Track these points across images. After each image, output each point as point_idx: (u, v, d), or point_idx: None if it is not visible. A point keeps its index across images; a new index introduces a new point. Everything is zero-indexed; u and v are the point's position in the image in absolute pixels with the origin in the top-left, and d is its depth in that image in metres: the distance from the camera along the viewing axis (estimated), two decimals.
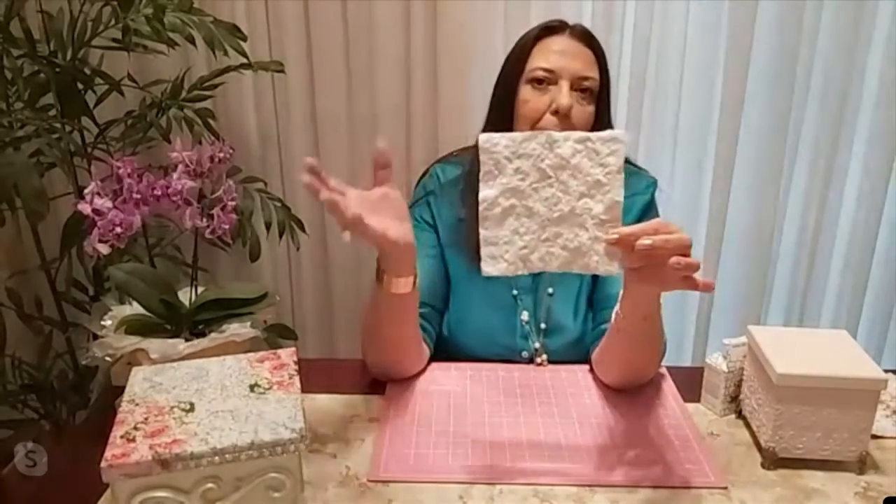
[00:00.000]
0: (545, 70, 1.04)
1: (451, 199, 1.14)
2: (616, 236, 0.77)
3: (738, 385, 0.95)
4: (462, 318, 1.13)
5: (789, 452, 0.84)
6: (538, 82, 1.05)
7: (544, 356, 1.09)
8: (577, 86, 1.04)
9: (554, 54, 1.05)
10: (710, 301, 1.81)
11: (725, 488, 0.81)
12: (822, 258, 1.80)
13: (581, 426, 0.92)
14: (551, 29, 1.09)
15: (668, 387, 1.02)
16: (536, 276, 1.12)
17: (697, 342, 1.85)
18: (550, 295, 1.12)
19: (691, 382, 1.01)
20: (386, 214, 0.83)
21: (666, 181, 1.72)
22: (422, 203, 1.16)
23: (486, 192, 0.78)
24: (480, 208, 0.79)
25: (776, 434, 0.84)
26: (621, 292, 0.89)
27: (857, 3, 1.59)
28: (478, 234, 0.79)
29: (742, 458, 0.87)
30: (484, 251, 0.79)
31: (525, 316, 1.11)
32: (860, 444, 0.83)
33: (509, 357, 1.10)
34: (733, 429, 0.93)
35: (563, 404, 0.97)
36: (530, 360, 1.10)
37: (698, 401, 0.99)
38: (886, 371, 0.84)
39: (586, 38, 1.08)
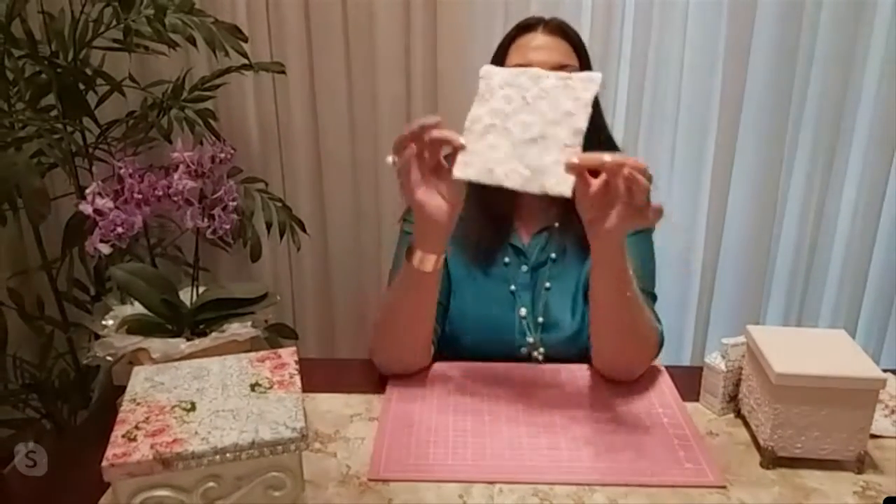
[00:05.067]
0: (522, 66, 1.05)
1: None
2: (576, 160, 0.83)
3: (737, 384, 0.95)
4: (461, 314, 1.13)
5: (788, 452, 0.84)
6: None
7: (541, 350, 1.11)
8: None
9: (530, 50, 1.08)
10: (708, 300, 1.81)
11: (724, 487, 0.81)
12: (821, 257, 1.80)
13: (580, 425, 0.93)
14: (526, 27, 1.12)
15: (667, 386, 1.03)
16: (534, 273, 1.14)
17: (696, 341, 1.85)
18: (548, 289, 1.13)
19: (690, 382, 1.01)
20: (439, 190, 0.90)
21: (665, 180, 1.72)
22: None
23: (475, 111, 0.88)
24: (467, 123, 0.87)
25: (775, 433, 0.84)
26: (590, 263, 0.94)
27: (856, 3, 1.59)
28: (478, 231, 0.80)
29: (741, 458, 0.87)
30: (459, 157, 0.86)
31: (523, 312, 1.12)
32: (859, 444, 0.83)
33: (508, 352, 1.11)
34: (732, 428, 0.93)
35: (562, 404, 0.98)
36: (528, 355, 1.11)
37: (697, 400, 0.99)
38: (885, 370, 0.84)
39: (561, 30, 1.11)
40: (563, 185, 0.83)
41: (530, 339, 1.11)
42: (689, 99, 1.69)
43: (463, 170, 0.86)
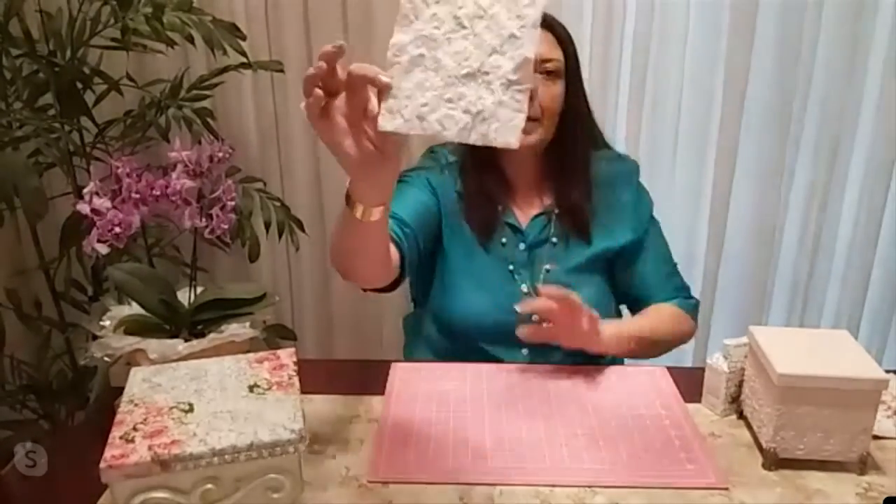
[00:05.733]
0: None
1: (451, 177, 1.20)
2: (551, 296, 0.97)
3: (739, 385, 0.95)
4: (465, 291, 1.16)
5: (790, 453, 0.84)
6: None
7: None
8: (541, 68, 1.08)
9: None
10: (711, 301, 1.81)
11: (726, 489, 0.81)
12: (824, 258, 1.80)
13: (581, 427, 0.92)
14: None
15: (669, 387, 1.02)
16: (532, 252, 1.16)
17: (698, 343, 1.84)
18: (548, 272, 1.16)
19: (692, 383, 1.00)
20: (373, 140, 0.74)
21: (667, 181, 1.71)
22: (433, 168, 1.21)
23: (398, 37, 0.73)
24: (389, 54, 0.73)
25: (777, 434, 0.83)
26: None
27: (858, 4, 1.59)
28: (475, 210, 0.78)
29: (743, 459, 0.87)
30: (384, 104, 0.72)
31: (524, 288, 1.15)
32: (861, 445, 0.83)
33: (515, 323, 1.11)
34: (734, 429, 0.93)
35: (563, 405, 0.97)
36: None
37: (699, 401, 0.98)
38: (887, 371, 0.84)
39: (545, 23, 1.10)
40: (508, 133, 0.69)
41: None
42: (690, 100, 1.68)
43: (389, 119, 0.71)
